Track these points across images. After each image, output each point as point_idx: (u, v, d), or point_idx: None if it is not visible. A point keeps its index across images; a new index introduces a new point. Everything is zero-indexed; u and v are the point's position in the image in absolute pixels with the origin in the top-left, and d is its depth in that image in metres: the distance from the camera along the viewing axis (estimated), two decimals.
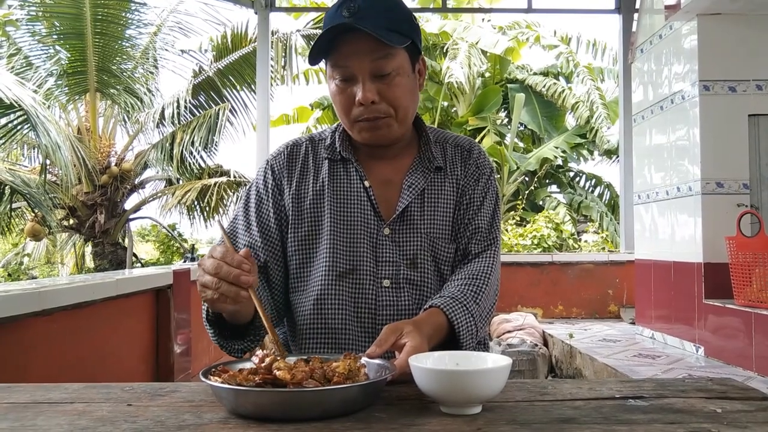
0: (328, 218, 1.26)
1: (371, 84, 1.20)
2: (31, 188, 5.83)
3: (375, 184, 1.30)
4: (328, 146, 1.33)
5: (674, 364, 3.69)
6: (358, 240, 1.25)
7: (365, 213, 1.27)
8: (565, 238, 7.96)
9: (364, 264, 1.24)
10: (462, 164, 1.35)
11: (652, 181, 4.61)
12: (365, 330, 1.23)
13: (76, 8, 6.85)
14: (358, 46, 1.18)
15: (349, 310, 1.23)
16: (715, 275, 3.80)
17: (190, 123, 7.69)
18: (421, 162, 1.32)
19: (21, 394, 0.96)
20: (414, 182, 1.29)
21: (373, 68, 1.20)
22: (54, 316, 2.00)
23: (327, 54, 1.22)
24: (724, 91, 3.92)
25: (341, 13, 1.18)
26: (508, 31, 11.63)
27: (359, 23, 1.15)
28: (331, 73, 1.23)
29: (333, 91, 1.25)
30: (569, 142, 11.00)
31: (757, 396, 0.91)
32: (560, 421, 0.79)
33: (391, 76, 1.21)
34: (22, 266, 10.83)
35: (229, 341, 1.16)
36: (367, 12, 1.17)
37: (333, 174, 1.30)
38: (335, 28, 1.17)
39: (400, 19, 1.23)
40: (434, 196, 1.30)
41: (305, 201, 1.29)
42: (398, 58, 1.22)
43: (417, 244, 1.26)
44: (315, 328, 1.25)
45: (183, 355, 3.05)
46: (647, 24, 4.74)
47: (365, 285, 1.24)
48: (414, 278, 1.25)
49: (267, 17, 6.40)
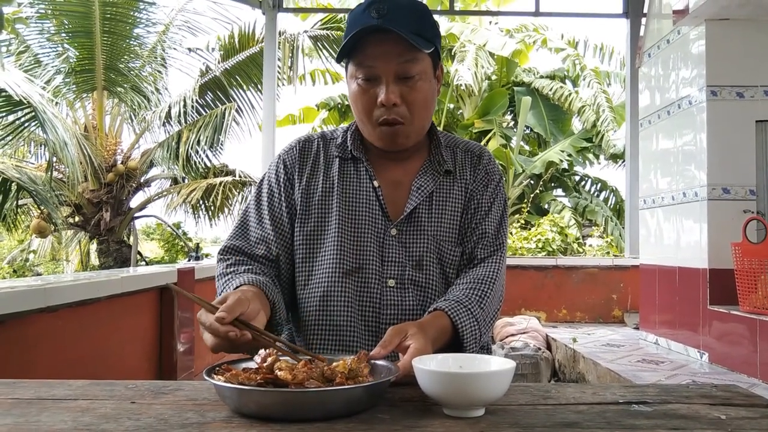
0: (336, 216, 1.27)
1: (395, 86, 1.21)
2: (38, 185, 5.85)
3: (384, 185, 1.30)
4: (339, 145, 1.34)
5: (678, 370, 3.68)
6: (365, 239, 1.26)
7: (373, 212, 1.28)
8: (569, 242, 7.95)
9: (370, 263, 1.25)
10: (471, 169, 1.36)
11: (658, 186, 4.60)
12: (369, 328, 1.24)
13: (85, 7, 6.88)
14: (385, 47, 1.19)
15: (354, 308, 1.24)
16: (721, 281, 3.79)
17: (196, 122, 7.71)
18: (431, 165, 1.33)
19: (25, 390, 0.97)
20: (423, 184, 1.30)
21: (399, 70, 1.21)
22: (59, 313, 2.01)
23: (350, 54, 1.23)
24: (732, 97, 3.90)
25: (370, 14, 1.18)
26: (515, 34, 11.62)
27: (390, 25, 1.16)
28: (354, 72, 1.23)
29: (355, 90, 1.25)
30: (575, 146, 10.97)
31: (762, 403, 0.91)
32: (563, 425, 0.79)
33: (415, 80, 1.22)
34: (27, 263, 10.86)
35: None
36: (395, 15, 1.18)
37: (343, 172, 1.31)
38: (366, 29, 1.17)
39: (426, 24, 1.24)
40: (442, 199, 1.31)
41: (314, 197, 1.30)
42: (423, 63, 1.23)
43: (423, 246, 1.27)
44: (320, 325, 1.25)
45: (186, 354, 3.05)
46: (655, 28, 4.73)
47: (371, 284, 1.24)
48: (419, 279, 1.26)
49: (275, 18, 6.42)
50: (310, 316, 1.26)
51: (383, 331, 1.21)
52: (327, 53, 8.71)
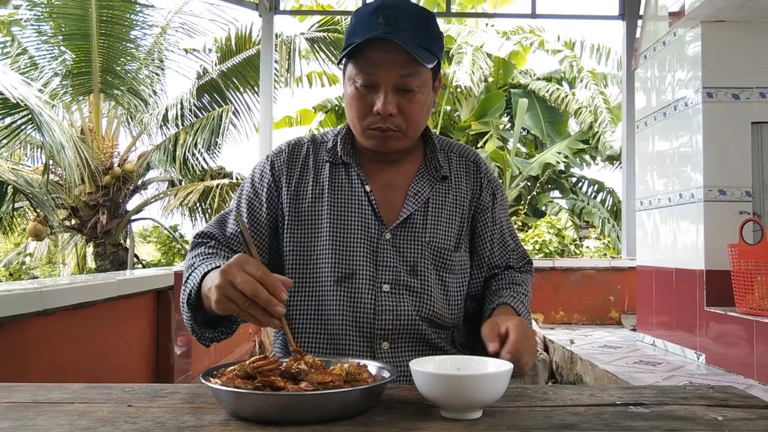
0: (327, 222, 1.26)
1: (393, 96, 1.19)
2: (34, 188, 5.83)
3: (376, 189, 1.29)
4: (330, 149, 1.32)
5: (675, 372, 3.68)
6: (357, 244, 1.25)
7: (365, 217, 1.26)
8: (566, 243, 7.96)
9: (364, 268, 1.24)
10: (468, 177, 1.35)
11: (655, 188, 4.61)
12: (364, 335, 1.23)
13: (82, 9, 6.87)
14: (388, 56, 1.17)
15: (348, 315, 1.23)
16: (717, 283, 3.80)
17: (193, 125, 7.70)
18: (428, 170, 1.32)
19: (22, 393, 0.97)
20: (420, 190, 1.29)
21: (399, 82, 1.19)
22: (55, 316, 2.00)
23: (351, 55, 1.20)
24: (728, 99, 3.92)
25: (377, 19, 1.16)
26: (512, 36, 11.65)
27: (396, 36, 1.14)
28: (353, 76, 1.20)
29: (351, 94, 1.23)
30: (572, 148, 11.00)
31: (758, 404, 0.91)
32: (561, 427, 0.79)
33: (413, 93, 1.20)
34: (23, 266, 10.84)
35: (202, 328, 1.14)
36: (404, 24, 1.16)
37: (333, 177, 1.30)
38: (371, 38, 1.15)
39: (432, 36, 1.22)
40: (438, 205, 1.30)
41: (303, 203, 1.28)
42: (423, 76, 1.21)
43: (418, 251, 1.26)
44: (314, 332, 1.24)
45: (183, 357, 3.04)
46: (651, 30, 4.75)
47: (364, 289, 1.23)
48: (414, 285, 1.25)
49: (271, 20, 6.43)
50: (303, 324, 1.25)
51: (378, 337, 1.22)
52: (324, 55, 8.71)
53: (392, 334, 1.23)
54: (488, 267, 1.36)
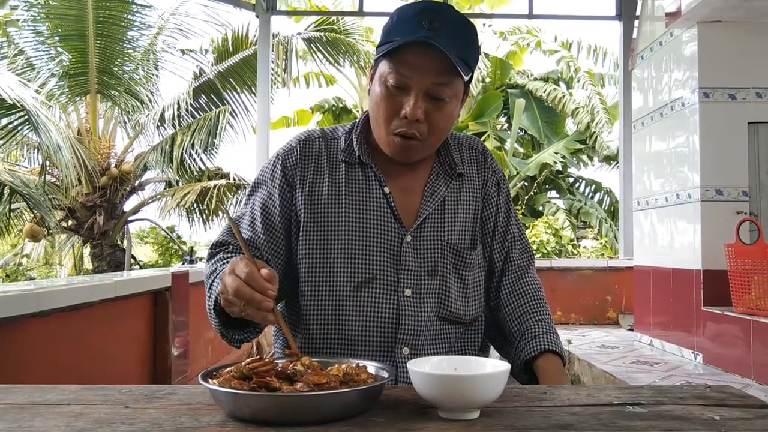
0: (344, 225, 1.22)
1: (423, 102, 1.15)
2: (31, 189, 5.82)
3: (395, 191, 1.26)
4: (344, 149, 1.28)
5: (672, 371, 3.69)
6: (377, 248, 1.21)
7: (386, 220, 1.23)
8: (564, 243, 7.96)
9: (385, 273, 1.21)
10: (478, 169, 1.34)
11: (652, 188, 4.62)
12: (386, 341, 1.19)
13: (78, 10, 6.86)
14: (426, 60, 1.13)
15: (369, 321, 1.19)
16: (714, 282, 3.81)
17: (190, 125, 7.68)
18: (442, 168, 1.30)
19: (18, 395, 0.96)
20: (435, 189, 1.27)
21: (431, 89, 1.15)
22: (52, 317, 2.00)
23: (388, 54, 1.16)
24: (724, 99, 3.93)
25: (421, 22, 1.12)
26: (509, 36, 11.66)
27: (439, 42, 1.11)
28: (386, 75, 1.16)
29: (379, 93, 1.18)
30: (569, 148, 11.01)
31: (756, 404, 0.91)
32: (558, 427, 0.79)
33: (444, 102, 1.17)
34: (20, 267, 10.81)
35: (231, 330, 1.14)
36: (447, 31, 1.13)
37: (350, 178, 1.25)
38: (413, 40, 1.12)
39: (471, 48, 1.19)
40: (453, 203, 1.28)
41: (319, 204, 1.24)
42: (456, 87, 1.18)
43: (438, 252, 1.24)
44: (332, 339, 1.21)
45: (180, 358, 3.04)
46: (647, 31, 4.76)
47: (385, 295, 1.20)
48: (435, 286, 1.23)
49: (268, 20, 6.43)
50: (320, 330, 1.21)
51: (399, 343, 1.19)
52: (321, 56, 8.70)
53: (413, 339, 1.20)
54: (492, 255, 1.33)
